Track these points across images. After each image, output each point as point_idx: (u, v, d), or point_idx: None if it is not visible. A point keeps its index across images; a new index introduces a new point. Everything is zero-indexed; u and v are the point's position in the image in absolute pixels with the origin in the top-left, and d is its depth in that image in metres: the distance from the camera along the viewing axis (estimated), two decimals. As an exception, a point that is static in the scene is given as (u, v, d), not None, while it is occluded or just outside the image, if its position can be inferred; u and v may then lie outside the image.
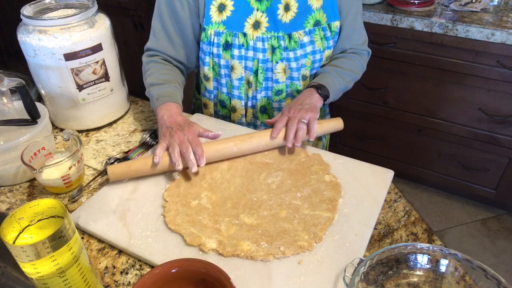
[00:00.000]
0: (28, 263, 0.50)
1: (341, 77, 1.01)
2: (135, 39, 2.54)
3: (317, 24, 1.00)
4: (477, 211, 2.06)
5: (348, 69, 1.03)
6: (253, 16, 0.97)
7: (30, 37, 0.91)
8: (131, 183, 0.84)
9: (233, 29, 0.97)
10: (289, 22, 0.98)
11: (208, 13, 0.96)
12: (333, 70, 1.01)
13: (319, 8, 0.98)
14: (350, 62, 1.05)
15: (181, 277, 0.58)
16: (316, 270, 0.65)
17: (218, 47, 0.99)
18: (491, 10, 1.69)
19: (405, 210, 0.79)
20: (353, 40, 1.06)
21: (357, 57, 1.06)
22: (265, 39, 0.98)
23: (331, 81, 0.99)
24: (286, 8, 0.97)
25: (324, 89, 0.97)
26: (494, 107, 1.71)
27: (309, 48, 1.01)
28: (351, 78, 1.05)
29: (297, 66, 1.02)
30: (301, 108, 0.90)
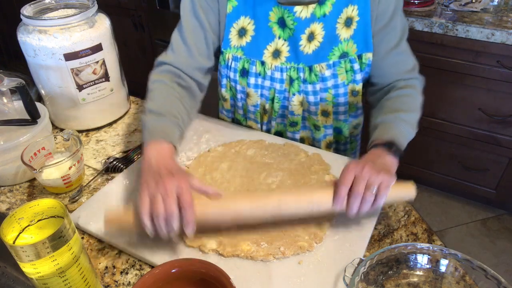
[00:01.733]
0: (28, 263, 0.50)
1: (407, 123, 0.81)
2: (135, 39, 2.54)
3: (344, 56, 0.88)
4: (477, 211, 2.06)
5: (410, 109, 0.84)
6: (273, 44, 0.89)
7: (30, 37, 0.91)
8: (131, 183, 0.84)
9: (251, 56, 0.91)
10: (311, 53, 0.88)
11: (227, 36, 0.91)
12: (396, 118, 0.81)
13: (348, 39, 0.87)
14: (410, 100, 0.86)
15: (181, 277, 0.57)
16: (316, 270, 0.65)
17: (235, 72, 0.93)
18: (491, 10, 1.69)
19: (405, 210, 0.79)
20: (401, 68, 0.90)
21: (412, 91, 0.87)
22: (284, 70, 0.90)
23: (399, 132, 0.78)
24: (310, 37, 0.87)
25: (394, 146, 0.75)
26: (494, 107, 1.71)
27: (330, 82, 0.90)
28: (415, 119, 0.84)
29: (315, 100, 0.92)
30: (372, 166, 0.68)
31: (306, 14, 0.84)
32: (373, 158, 0.73)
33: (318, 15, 0.85)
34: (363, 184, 0.66)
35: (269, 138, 0.96)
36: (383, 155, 0.74)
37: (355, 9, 0.84)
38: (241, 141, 0.95)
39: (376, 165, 0.69)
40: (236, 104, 1.01)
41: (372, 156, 0.74)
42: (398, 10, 0.86)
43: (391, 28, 0.86)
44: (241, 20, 0.89)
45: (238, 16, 0.88)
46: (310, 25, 0.86)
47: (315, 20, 0.85)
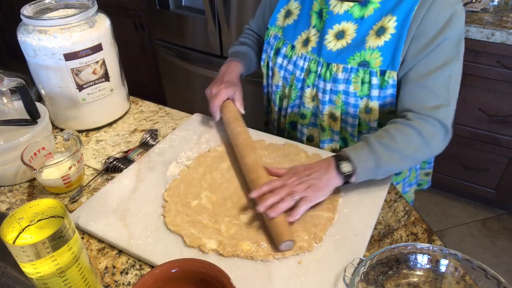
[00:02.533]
0: (28, 263, 0.50)
1: (382, 155, 0.74)
2: (135, 39, 2.54)
3: (364, 65, 0.82)
4: (477, 211, 2.06)
5: (396, 145, 0.76)
6: (307, 32, 0.90)
7: (30, 37, 0.91)
8: (131, 183, 0.84)
9: (286, 38, 0.95)
10: (335, 51, 0.85)
11: (276, 15, 0.97)
12: (376, 143, 0.76)
13: (374, 48, 0.81)
14: (399, 136, 0.76)
15: (181, 277, 0.57)
16: (316, 270, 0.65)
17: (271, 49, 0.98)
18: (491, 10, 1.69)
19: (405, 210, 0.79)
20: (418, 100, 0.79)
21: (413, 129, 0.77)
22: (307, 59, 0.90)
23: (364, 157, 0.74)
24: (339, 35, 0.84)
25: (347, 165, 0.74)
26: (494, 107, 1.71)
27: (341, 86, 0.86)
28: (398, 157, 0.75)
29: (324, 99, 0.90)
30: (305, 180, 0.72)
31: (339, 10, 0.83)
32: (317, 168, 0.75)
33: (356, 15, 0.82)
34: (285, 191, 0.71)
35: (269, 138, 0.96)
36: (329, 169, 0.74)
37: (393, 21, 0.79)
38: (241, 141, 0.95)
39: (311, 179, 0.72)
40: (268, 81, 1.06)
41: (318, 165, 0.76)
42: (445, 39, 0.76)
43: (426, 54, 0.77)
44: (291, 3, 0.94)
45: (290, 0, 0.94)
46: (341, 22, 0.84)
47: (350, 19, 0.83)
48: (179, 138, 0.97)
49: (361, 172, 0.74)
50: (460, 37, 0.78)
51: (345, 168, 0.74)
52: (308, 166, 0.76)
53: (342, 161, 0.74)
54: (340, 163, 0.74)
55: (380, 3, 0.80)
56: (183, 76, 2.27)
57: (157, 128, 1.05)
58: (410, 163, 0.80)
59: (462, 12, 0.77)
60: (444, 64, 0.77)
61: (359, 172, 0.74)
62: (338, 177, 0.74)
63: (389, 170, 0.77)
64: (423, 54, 0.78)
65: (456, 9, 0.75)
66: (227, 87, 0.95)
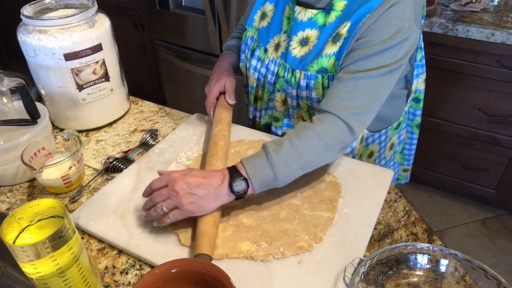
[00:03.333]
0: (28, 263, 0.50)
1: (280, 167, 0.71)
2: (135, 39, 2.54)
3: (322, 72, 0.83)
4: (477, 211, 2.06)
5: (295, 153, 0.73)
6: (279, 36, 0.90)
7: (30, 37, 0.91)
8: (131, 183, 0.84)
9: (260, 41, 0.94)
10: (299, 57, 0.86)
11: (253, 16, 0.96)
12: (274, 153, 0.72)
13: (331, 55, 0.81)
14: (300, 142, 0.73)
15: (181, 277, 0.57)
16: (316, 270, 0.65)
17: (248, 50, 0.97)
18: (491, 10, 1.69)
19: (405, 210, 0.79)
20: (335, 97, 0.76)
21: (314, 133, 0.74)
22: (277, 64, 0.91)
23: (261, 170, 0.71)
24: (303, 42, 0.85)
25: (241, 184, 0.70)
26: (494, 107, 1.71)
27: (304, 92, 0.87)
28: (297, 166, 0.73)
29: (292, 104, 0.92)
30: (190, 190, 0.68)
31: (303, 17, 0.83)
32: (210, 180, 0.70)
33: (320, 23, 0.83)
34: (160, 198, 0.69)
35: (269, 138, 0.96)
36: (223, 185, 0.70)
37: (347, 26, 0.78)
38: (241, 141, 0.95)
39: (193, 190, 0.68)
40: (246, 81, 1.05)
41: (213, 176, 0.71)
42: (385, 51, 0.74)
43: (361, 58, 0.75)
44: (266, 5, 0.93)
45: (265, 1, 0.93)
46: (305, 29, 0.84)
47: (314, 26, 0.83)
48: (179, 138, 0.97)
49: (257, 186, 0.71)
50: (405, 55, 0.75)
51: (237, 187, 0.70)
52: (203, 173, 0.71)
53: (236, 178, 0.70)
54: (234, 181, 0.70)
55: (342, 10, 0.79)
56: (183, 76, 2.27)
57: (157, 128, 1.05)
58: (310, 169, 0.76)
59: (410, 29, 0.74)
60: (375, 70, 0.74)
61: (255, 187, 0.71)
62: (229, 194, 0.70)
63: (288, 178, 0.74)
64: (357, 58, 0.76)
65: (403, 25, 0.73)
66: (216, 82, 0.98)
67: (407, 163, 1.16)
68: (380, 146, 1.02)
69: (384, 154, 1.05)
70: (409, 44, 0.75)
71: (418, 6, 0.77)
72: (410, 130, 1.11)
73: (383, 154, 1.05)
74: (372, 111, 0.78)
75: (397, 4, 0.73)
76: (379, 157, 1.04)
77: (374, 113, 0.79)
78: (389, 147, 1.05)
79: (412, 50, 0.77)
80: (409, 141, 1.13)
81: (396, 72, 0.77)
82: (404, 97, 1.01)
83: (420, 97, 1.04)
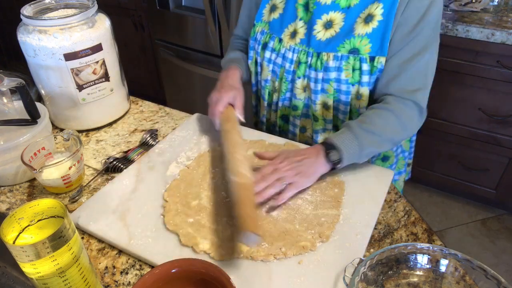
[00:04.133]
0: (28, 263, 0.50)
1: (363, 139, 0.80)
2: (135, 39, 2.54)
3: (354, 52, 0.85)
4: (477, 211, 2.06)
5: (375, 128, 0.82)
6: (294, 24, 0.92)
7: (30, 37, 0.91)
8: (131, 183, 0.84)
9: (273, 32, 0.96)
10: (324, 40, 0.88)
11: (261, 11, 0.98)
12: (357, 128, 0.81)
13: (363, 35, 0.84)
14: (379, 120, 0.82)
15: (181, 277, 0.57)
16: (316, 270, 0.65)
17: (259, 45, 0.99)
18: (491, 10, 1.69)
19: (405, 210, 0.79)
20: (399, 84, 0.84)
21: (391, 113, 0.83)
22: (295, 51, 0.92)
23: (349, 143, 0.80)
24: (328, 25, 0.87)
25: (335, 154, 0.79)
26: (494, 107, 1.71)
27: (333, 74, 0.88)
28: (378, 140, 0.82)
29: (316, 89, 0.92)
30: (296, 166, 0.77)
31: (326, 0, 0.86)
32: (307, 154, 0.79)
33: (343, 5, 0.85)
34: (275, 176, 0.75)
35: (269, 138, 0.96)
36: (319, 156, 0.79)
37: (379, 8, 0.82)
38: (241, 141, 0.95)
39: (300, 165, 0.77)
40: (257, 78, 1.06)
41: (308, 151, 0.80)
42: (425, 25, 0.81)
43: (409, 40, 0.82)
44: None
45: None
46: (329, 12, 0.86)
47: (337, 9, 0.86)
48: (179, 138, 0.97)
49: (347, 157, 0.79)
50: (437, 23, 0.82)
51: (333, 157, 0.79)
52: (299, 151, 0.80)
53: (330, 149, 0.79)
54: (328, 152, 0.79)
55: None
56: (183, 76, 2.27)
57: (157, 128, 1.05)
58: (389, 145, 0.86)
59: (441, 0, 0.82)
60: (423, 50, 0.82)
61: (345, 158, 0.79)
62: (327, 165, 0.79)
63: (370, 152, 0.82)
64: (406, 41, 0.82)
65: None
66: (227, 91, 0.94)
67: (409, 156, 1.15)
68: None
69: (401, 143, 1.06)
70: (440, 11, 0.83)
71: None
72: None
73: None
74: (430, 86, 0.86)
75: None
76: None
77: (430, 88, 0.87)
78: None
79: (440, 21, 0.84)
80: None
81: (438, 41, 0.85)
82: None
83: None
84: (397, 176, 1.11)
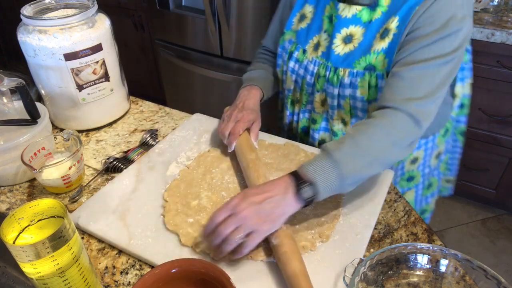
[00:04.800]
0: (28, 263, 0.50)
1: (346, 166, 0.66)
2: (135, 39, 2.54)
3: (370, 69, 0.80)
4: (477, 211, 2.06)
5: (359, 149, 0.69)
6: (319, 36, 0.89)
7: (30, 37, 0.91)
8: (131, 183, 0.84)
9: (299, 42, 0.93)
10: (342, 55, 0.84)
11: (291, 19, 0.95)
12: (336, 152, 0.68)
13: (379, 51, 0.79)
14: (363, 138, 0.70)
15: (181, 277, 0.57)
16: (316, 270, 0.65)
17: (286, 54, 0.95)
18: (491, 10, 1.69)
19: (405, 210, 0.79)
20: (394, 92, 0.74)
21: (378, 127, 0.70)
22: (316, 64, 0.89)
23: (326, 172, 0.66)
24: (347, 39, 0.83)
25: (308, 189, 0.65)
26: (494, 107, 1.71)
27: (348, 91, 0.84)
28: (364, 162, 0.68)
29: (332, 104, 0.89)
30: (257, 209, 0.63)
31: (347, 13, 0.82)
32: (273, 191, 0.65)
33: (365, 19, 0.81)
34: (232, 224, 0.62)
35: (269, 138, 0.96)
36: (287, 193, 0.65)
37: (395, 21, 0.76)
38: (241, 141, 0.95)
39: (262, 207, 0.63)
40: (283, 86, 1.03)
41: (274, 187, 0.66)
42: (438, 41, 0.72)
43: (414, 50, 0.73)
44: (305, 6, 0.92)
45: (305, 3, 0.92)
46: (349, 26, 0.82)
47: (358, 23, 0.81)
48: (179, 138, 0.97)
49: (324, 191, 0.66)
50: (462, 42, 0.73)
51: (306, 194, 0.65)
52: (262, 188, 0.66)
53: (302, 184, 0.65)
54: (300, 188, 0.65)
55: (388, 6, 0.78)
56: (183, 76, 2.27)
57: (157, 128, 1.05)
58: (380, 166, 0.71)
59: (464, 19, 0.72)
60: (431, 60, 0.72)
61: (321, 192, 0.65)
62: (297, 203, 0.65)
63: (356, 179, 0.68)
64: (411, 50, 0.74)
65: (456, 13, 0.71)
66: (249, 114, 0.89)
67: (450, 173, 1.10)
68: (426, 153, 0.98)
69: (429, 162, 1.00)
70: (463, 34, 0.72)
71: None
72: (454, 138, 1.07)
73: (428, 162, 1.00)
74: (435, 102, 0.74)
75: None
76: (423, 164, 0.99)
77: (437, 105, 0.75)
78: (435, 155, 1.00)
79: (466, 41, 0.74)
80: (452, 150, 1.08)
81: (453, 64, 0.74)
82: (450, 101, 0.98)
83: (465, 103, 1.00)
84: (430, 199, 1.04)
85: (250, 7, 1.82)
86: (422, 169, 1.00)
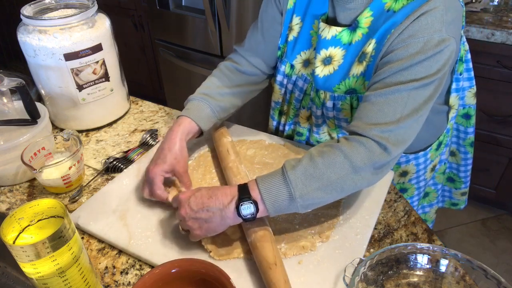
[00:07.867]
0: (28, 263, 0.50)
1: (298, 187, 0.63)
2: (135, 39, 2.54)
3: (351, 92, 0.79)
4: (477, 211, 2.06)
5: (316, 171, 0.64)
6: (308, 52, 0.85)
7: (30, 37, 0.91)
8: (131, 183, 0.84)
9: (285, 56, 0.88)
10: (322, 77, 0.81)
11: (285, 32, 0.88)
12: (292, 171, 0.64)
13: (358, 76, 0.77)
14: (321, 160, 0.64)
15: (181, 277, 0.57)
16: (316, 270, 0.65)
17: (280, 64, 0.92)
18: (491, 10, 1.69)
19: (405, 210, 0.79)
20: (362, 118, 0.68)
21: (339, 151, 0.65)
22: (307, 81, 0.86)
23: (276, 190, 0.63)
24: (326, 61, 0.79)
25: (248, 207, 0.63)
26: (494, 107, 1.71)
27: (331, 113, 0.84)
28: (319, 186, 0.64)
29: (317, 123, 0.89)
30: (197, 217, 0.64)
31: (326, 34, 0.78)
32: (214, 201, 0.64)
33: (345, 41, 0.77)
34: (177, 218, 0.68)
35: (269, 138, 0.96)
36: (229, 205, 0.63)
37: (373, 43, 0.73)
38: (242, 141, 0.95)
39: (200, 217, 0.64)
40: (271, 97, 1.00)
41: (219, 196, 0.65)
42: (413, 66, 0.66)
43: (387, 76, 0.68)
44: (293, 18, 0.85)
45: (292, 14, 0.85)
46: (328, 47, 0.79)
47: (338, 45, 0.78)
48: (179, 138, 0.97)
49: (272, 209, 0.63)
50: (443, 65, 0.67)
51: (245, 211, 0.63)
52: (210, 193, 0.65)
53: (244, 200, 0.63)
54: (241, 203, 0.62)
55: (368, 27, 0.74)
56: (183, 76, 2.27)
57: (157, 128, 1.05)
58: (337, 193, 0.65)
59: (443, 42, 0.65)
60: (404, 84, 0.66)
61: (270, 210, 0.63)
62: (237, 218, 0.64)
63: (309, 202, 0.64)
64: (384, 75, 0.68)
65: (432, 37, 0.65)
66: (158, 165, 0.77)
67: (464, 186, 1.06)
68: (418, 168, 0.96)
69: (424, 175, 0.98)
70: (444, 57, 0.67)
71: (454, 15, 0.68)
72: (463, 150, 1.03)
73: (422, 176, 0.98)
74: (410, 127, 0.67)
75: (424, 16, 0.65)
76: (417, 178, 0.97)
77: (414, 129, 0.68)
78: (430, 169, 0.98)
79: (449, 63, 0.68)
80: (463, 162, 1.05)
81: (432, 87, 0.67)
82: (444, 114, 0.93)
83: (471, 113, 0.96)
84: (428, 208, 1.04)
85: (250, 7, 1.82)
86: (416, 182, 0.98)
